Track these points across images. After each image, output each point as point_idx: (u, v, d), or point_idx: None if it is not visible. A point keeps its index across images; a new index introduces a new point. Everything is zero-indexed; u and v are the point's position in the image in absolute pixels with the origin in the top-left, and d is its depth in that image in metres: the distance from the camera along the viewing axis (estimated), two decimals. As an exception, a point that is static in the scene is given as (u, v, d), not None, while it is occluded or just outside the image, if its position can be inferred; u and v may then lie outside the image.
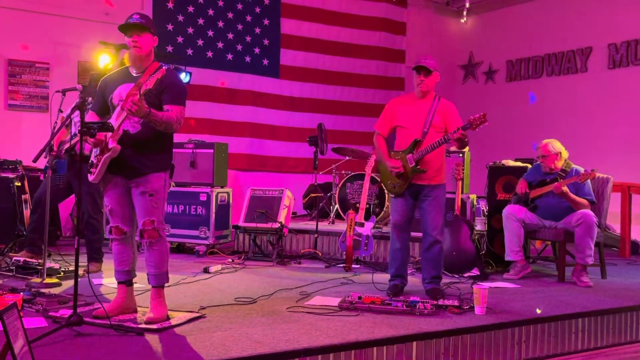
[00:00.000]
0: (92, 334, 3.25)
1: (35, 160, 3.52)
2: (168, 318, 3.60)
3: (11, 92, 7.76)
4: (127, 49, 3.54)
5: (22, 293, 3.96)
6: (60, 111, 4.84)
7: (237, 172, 9.11)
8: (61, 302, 3.83)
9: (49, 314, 3.61)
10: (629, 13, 8.82)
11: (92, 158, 3.62)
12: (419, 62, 4.53)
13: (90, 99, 3.63)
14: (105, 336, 3.24)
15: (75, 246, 3.30)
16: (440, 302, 4.14)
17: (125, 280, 3.75)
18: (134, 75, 3.63)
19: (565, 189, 5.35)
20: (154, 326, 3.43)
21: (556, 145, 5.61)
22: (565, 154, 5.63)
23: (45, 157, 4.77)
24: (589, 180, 5.46)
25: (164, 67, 3.40)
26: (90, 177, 3.61)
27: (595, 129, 9.09)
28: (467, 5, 9.22)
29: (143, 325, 3.44)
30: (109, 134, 3.49)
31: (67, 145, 5.19)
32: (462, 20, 10.52)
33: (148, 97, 3.44)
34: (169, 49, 8.74)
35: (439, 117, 4.50)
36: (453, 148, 5.49)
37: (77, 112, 4.93)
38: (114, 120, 3.53)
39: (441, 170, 4.58)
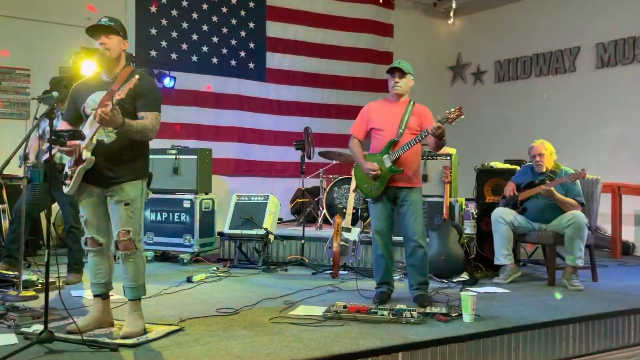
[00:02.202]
0: (64, 351, 3.12)
1: (0, 171, 3.39)
2: (145, 332, 3.47)
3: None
4: (99, 53, 3.41)
5: (-6, 308, 3.83)
6: (36, 118, 4.71)
7: (224, 178, 8.99)
8: (35, 317, 3.69)
9: (21, 329, 3.47)
10: (616, 12, 8.76)
11: (66, 169, 3.50)
12: (392, 65, 4.53)
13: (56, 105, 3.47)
14: (78, 352, 3.11)
15: (46, 260, 3.16)
16: (428, 309, 4.04)
17: (101, 293, 3.62)
18: (106, 81, 3.50)
19: (552, 189, 5.27)
20: (130, 341, 3.30)
21: (548, 145, 5.54)
22: (554, 154, 5.56)
23: (20, 167, 4.66)
24: (578, 181, 5.37)
25: (136, 76, 3.27)
26: (65, 189, 3.48)
27: (584, 128, 9.01)
28: (454, 5, 9.11)
29: (119, 341, 3.31)
30: (83, 143, 3.37)
31: (45, 156, 5.09)
32: (450, 22, 10.39)
33: (121, 105, 3.31)
34: (153, 53, 8.61)
35: (414, 120, 4.46)
36: (428, 148, 5.32)
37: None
38: (86, 130, 3.41)
39: (417, 173, 4.54)
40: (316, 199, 7.62)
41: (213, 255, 6.76)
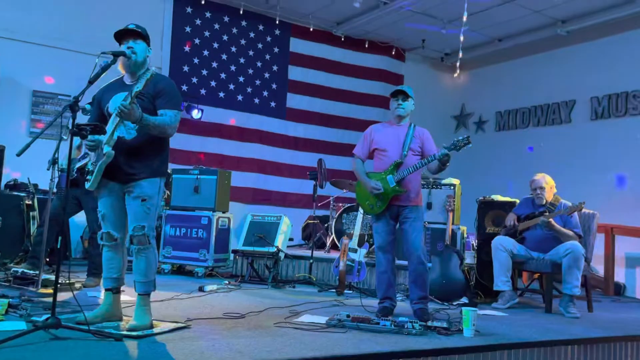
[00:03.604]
0: (69, 338, 2.85)
1: (19, 154, 3.22)
2: (152, 327, 3.19)
3: (33, 121, 7.51)
4: (125, 56, 3.25)
5: (9, 300, 3.57)
6: (67, 128, 4.55)
7: (243, 205, 8.76)
8: (46, 308, 3.43)
9: (31, 318, 3.21)
10: (610, 69, 8.57)
11: (89, 165, 3.30)
12: (395, 88, 4.39)
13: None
14: (83, 341, 2.84)
15: (58, 246, 2.93)
16: (429, 323, 3.72)
17: (112, 287, 3.36)
18: (128, 84, 3.33)
19: (551, 220, 4.99)
20: (135, 333, 3.02)
21: (549, 178, 5.30)
22: (554, 188, 5.30)
23: (48, 169, 4.50)
24: (576, 214, 5.09)
25: (153, 68, 3.12)
26: (87, 185, 3.27)
27: (579, 175, 8.71)
28: (460, 58, 8.97)
29: (124, 332, 3.04)
30: (104, 139, 3.19)
31: (79, 164, 4.95)
32: (455, 75, 10.29)
33: (141, 102, 3.14)
34: (184, 88, 8.53)
35: (416, 142, 4.26)
36: (432, 176, 5.11)
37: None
38: (108, 127, 3.22)
39: (418, 193, 4.28)
40: (325, 225, 7.35)
41: (226, 272, 6.47)
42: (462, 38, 7.73)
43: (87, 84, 3.10)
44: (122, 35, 3.31)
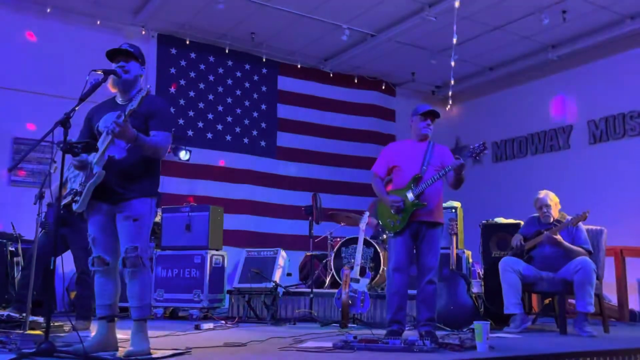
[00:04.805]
0: (63, 365, 2.81)
1: (10, 170, 3.25)
2: (150, 353, 3.15)
3: (15, 169, 7.53)
4: (116, 74, 3.33)
5: (-3, 337, 3.52)
6: (54, 162, 4.59)
7: (239, 250, 8.70)
8: (37, 342, 3.38)
9: (22, 351, 3.15)
10: (605, 92, 8.79)
11: (77, 186, 3.33)
12: (427, 108, 4.47)
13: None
14: (78, 366, 2.80)
15: (52, 267, 2.92)
16: (440, 340, 3.70)
17: (106, 315, 3.33)
18: (120, 104, 3.40)
19: (557, 236, 5.03)
20: (134, 358, 2.99)
21: (553, 195, 5.39)
22: (559, 204, 5.38)
23: (35, 204, 4.50)
24: (584, 229, 5.14)
25: (148, 86, 3.20)
26: (75, 206, 3.29)
27: (580, 200, 8.78)
28: (452, 86, 9.18)
29: (122, 357, 3.00)
30: (94, 158, 3.23)
31: (64, 201, 4.96)
32: (447, 108, 10.50)
33: (133, 120, 3.19)
34: (171, 130, 8.63)
35: (436, 157, 4.34)
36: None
37: (75, 172, 4.76)
38: (98, 146, 3.27)
39: (439, 209, 4.33)
40: (324, 261, 7.31)
41: (222, 315, 6.38)
42: (453, 63, 7.92)
43: (78, 101, 3.17)
44: (114, 55, 3.40)
